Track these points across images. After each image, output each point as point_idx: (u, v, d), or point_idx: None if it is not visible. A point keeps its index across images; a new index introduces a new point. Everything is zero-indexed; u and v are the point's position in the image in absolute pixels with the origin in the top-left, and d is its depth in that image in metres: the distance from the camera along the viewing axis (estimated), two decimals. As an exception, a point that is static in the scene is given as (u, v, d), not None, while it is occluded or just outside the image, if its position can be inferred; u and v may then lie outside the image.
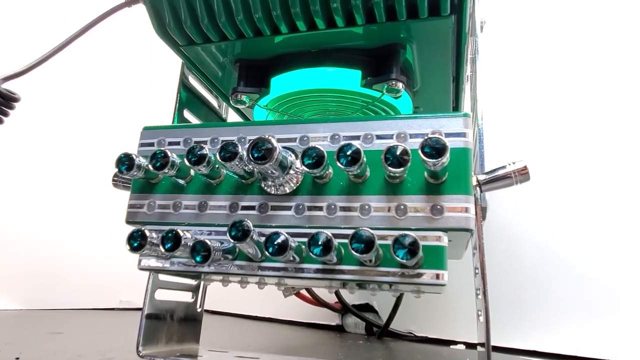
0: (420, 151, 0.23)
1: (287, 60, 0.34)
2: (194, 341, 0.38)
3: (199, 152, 0.26)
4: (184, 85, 0.39)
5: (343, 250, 0.25)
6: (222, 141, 0.29)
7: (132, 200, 0.30)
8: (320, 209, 0.26)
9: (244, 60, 0.36)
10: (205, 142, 0.29)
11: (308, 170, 0.24)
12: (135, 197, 0.29)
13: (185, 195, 0.28)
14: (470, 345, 0.42)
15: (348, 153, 0.24)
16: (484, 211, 0.28)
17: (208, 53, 0.35)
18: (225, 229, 0.24)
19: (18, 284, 0.65)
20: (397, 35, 0.32)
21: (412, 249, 0.22)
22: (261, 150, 0.24)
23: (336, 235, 0.24)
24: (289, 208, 0.27)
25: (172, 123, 0.37)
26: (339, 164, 0.24)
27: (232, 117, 0.44)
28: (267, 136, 0.24)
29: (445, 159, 0.23)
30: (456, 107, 0.42)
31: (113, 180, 0.33)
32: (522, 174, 0.27)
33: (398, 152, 0.23)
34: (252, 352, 0.35)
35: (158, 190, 0.29)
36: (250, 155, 0.24)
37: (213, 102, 0.43)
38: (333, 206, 0.26)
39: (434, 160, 0.22)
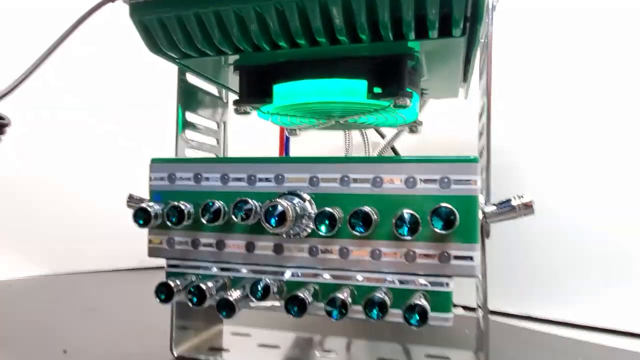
0: (429, 218, 0.24)
1: (290, 69, 0.33)
2: (219, 320, 0.41)
3: (213, 209, 0.26)
4: (182, 81, 0.37)
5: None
6: (232, 179, 0.29)
7: (151, 235, 0.31)
8: (332, 252, 0.28)
9: (245, 67, 0.34)
10: (215, 179, 0.30)
11: (323, 234, 0.25)
12: (153, 232, 0.31)
13: (203, 233, 0.30)
14: (469, 309, 0.46)
15: (360, 217, 0.24)
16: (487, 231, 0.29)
17: (206, 62, 0.34)
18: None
19: (38, 249, 0.68)
20: (404, 48, 0.30)
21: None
22: (275, 216, 0.25)
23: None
24: (303, 250, 0.28)
25: (177, 119, 0.37)
26: (351, 229, 0.25)
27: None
28: (276, 200, 0.25)
29: (454, 228, 0.23)
30: (464, 79, 0.40)
31: (127, 203, 0.34)
32: (527, 208, 0.28)
33: (408, 221, 0.24)
34: (276, 333, 0.39)
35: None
36: (266, 223, 0.25)
37: (213, 90, 0.42)
38: (345, 250, 0.27)
39: (442, 231, 0.23)
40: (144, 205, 0.28)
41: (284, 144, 0.48)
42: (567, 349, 0.40)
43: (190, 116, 0.38)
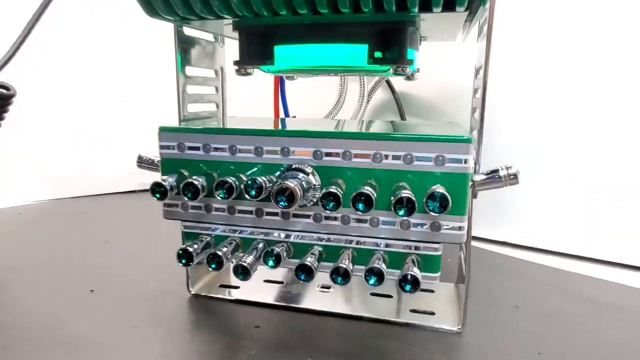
0: (424, 201, 0.26)
1: (291, 32, 0.33)
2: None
3: (226, 187, 0.29)
4: (179, 33, 0.37)
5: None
6: (240, 150, 0.31)
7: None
8: (335, 219, 0.31)
9: (245, 28, 0.34)
10: (224, 149, 0.31)
11: (329, 211, 0.28)
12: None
13: (215, 199, 0.32)
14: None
15: (362, 200, 0.27)
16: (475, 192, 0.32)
17: (206, 23, 0.33)
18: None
19: (42, 175, 0.70)
20: (406, 16, 0.30)
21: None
22: (284, 197, 0.27)
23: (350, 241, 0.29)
24: (307, 216, 0.31)
25: (177, 74, 0.37)
26: (354, 209, 0.27)
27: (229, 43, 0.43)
28: (285, 183, 0.27)
29: (447, 211, 0.26)
30: (463, 30, 0.40)
31: (137, 163, 0.36)
32: (512, 179, 0.30)
33: (405, 204, 0.26)
34: (280, 270, 0.43)
35: (188, 193, 0.32)
36: (276, 202, 0.27)
37: (209, 37, 0.41)
38: (346, 217, 0.30)
39: (435, 213, 0.26)
40: (159, 180, 0.30)
41: (279, 86, 0.49)
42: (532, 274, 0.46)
43: (189, 70, 0.38)
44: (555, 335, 0.34)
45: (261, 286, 0.41)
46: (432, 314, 0.36)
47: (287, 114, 0.55)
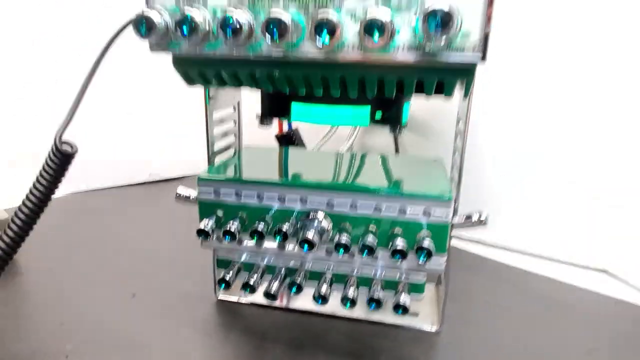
0: (415, 251, 0.34)
1: (305, 95, 0.39)
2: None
3: (257, 232, 0.36)
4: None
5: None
6: (265, 197, 0.38)
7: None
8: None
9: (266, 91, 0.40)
10: (252, 196, 0.39)
11: (339, 255, 0.36)
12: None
13: (245, 235, 0.39)
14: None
15: (367, 247, 0.35)
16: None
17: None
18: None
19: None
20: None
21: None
22: (306, 246, 0.35)
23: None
24: (322, 250, 0.39)
25: (206, 123, 0.43)
26: (360, 254, 0.35)
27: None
28: (307, 237, 0.35)
29: (431, 259, 0.34)
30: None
31: (176, 198, 0.42)
32: (482, 223, 0.38)
33: (400, 252, 0.34)
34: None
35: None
36: (301, 248, 0.35)
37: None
38: (352, 254, 0.38)
39: (422, 261, 0.34)
40: (201, 226, 0.37)
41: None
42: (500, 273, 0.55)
43: (216, 113, 0.44)
44: (521, 333, 0.43)
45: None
46: (417, 315, 0.45)
47: (290, 127, 0.62)
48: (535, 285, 0.53)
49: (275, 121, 0.56)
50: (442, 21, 0.25)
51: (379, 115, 0.39)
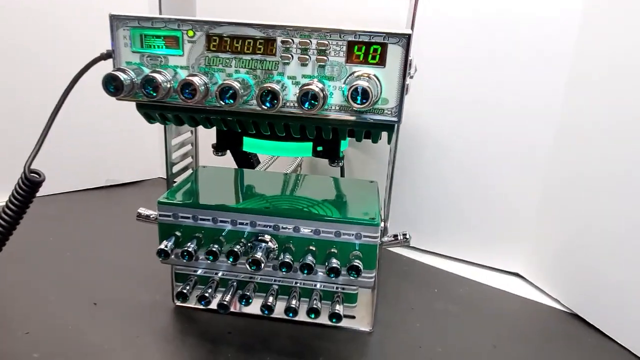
0: (346, 270, 0.41)
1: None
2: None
3: (212, 253, 0.41)
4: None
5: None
6: (220, 221, 0.44)
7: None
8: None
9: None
10: (208, 220, 0.44)
11: (284, 273, 0.41)
12: (164, 249, 0.45)
13: (202, 251, 0.45)
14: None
15: (306, 266, 0.41)
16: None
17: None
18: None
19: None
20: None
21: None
22: (254, 266, 0.40)
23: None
24: (268, 266, 0.45)
25: (165, 140, 0.48)
26: (301, 272, 0.41)
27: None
28: (254, 256, 0.40)
29: (360, 276, 0.41)
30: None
31: (137, 219, 0.47)
32: (406, 242, 0.45)
33: (333, 270, 0.41)
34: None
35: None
36: (250, 268, 0.40)
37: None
38: (296, 269, 0.44)
39: (353, 278, 0.41)
40: (161, 247, 0.42)
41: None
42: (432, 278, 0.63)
43: (175, 139, 0.48)
44: (440, 332, 0.51)
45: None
46: (353, 317, 0.51)
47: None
48: (457, 287, 0.61)
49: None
50: (362, 95, 0.31)
51: (320, 148, 0.45)
